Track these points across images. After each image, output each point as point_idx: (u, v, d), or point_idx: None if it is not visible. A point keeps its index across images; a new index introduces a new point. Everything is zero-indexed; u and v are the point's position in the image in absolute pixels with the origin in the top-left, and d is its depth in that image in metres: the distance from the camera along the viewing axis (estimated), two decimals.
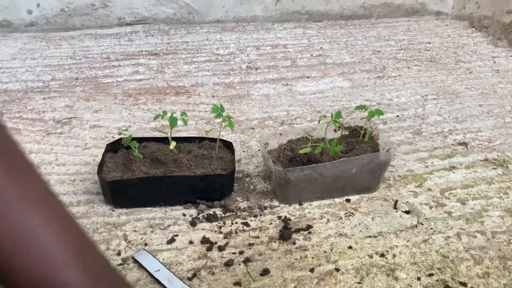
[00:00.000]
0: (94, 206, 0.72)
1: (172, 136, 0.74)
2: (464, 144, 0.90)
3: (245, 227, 0.68)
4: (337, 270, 0.60)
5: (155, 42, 1.42)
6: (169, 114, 0.74)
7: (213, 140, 0.78)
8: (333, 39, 1.45)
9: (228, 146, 0.78)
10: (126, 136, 0.75)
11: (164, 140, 0.77)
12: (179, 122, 0.90)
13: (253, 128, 0.95)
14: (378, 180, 0.75)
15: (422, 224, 0.69)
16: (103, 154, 0.75)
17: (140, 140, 0.77)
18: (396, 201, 0.73)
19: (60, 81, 1.16)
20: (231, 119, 0.72)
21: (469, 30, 1.55)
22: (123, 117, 0.99)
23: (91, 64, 1.26)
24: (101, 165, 0.72)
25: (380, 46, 1.40)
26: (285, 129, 0.90)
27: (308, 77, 1.19)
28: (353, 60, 1.30)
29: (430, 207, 0.73)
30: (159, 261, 0.61)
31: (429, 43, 1.43)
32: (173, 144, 0.72)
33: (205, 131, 0.74)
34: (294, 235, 0.66)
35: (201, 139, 0.79)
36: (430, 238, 0.66)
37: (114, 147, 0.77)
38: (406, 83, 1.16)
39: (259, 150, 0.86)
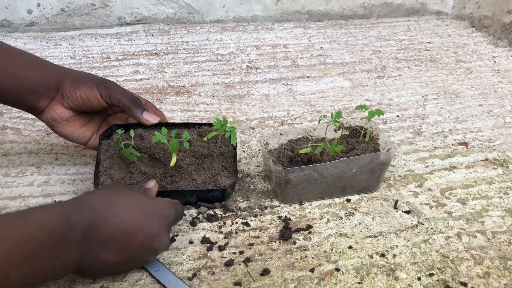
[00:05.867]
0: None
1: (170, 122, 0.70)
2: (465, 144, 0.90)
3: (245, 227, 0.68)
4: (337, 270, 0.60)
5: (155, 42, 1.42)
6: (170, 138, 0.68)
7: (211, 124, 0.73)
8: (333, 39, 1.45)
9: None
10: (120, 136, 0.70)
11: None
12: (179, 120, 0.90)
13: (253, 128, 0.95)
14: (378, 180, 0.75)
15: (423, 224, 0.69)
16: (97, 150, 0.72)
17: (135, 126, 0.73)
18: (397, 201, 0.73)
19: None
20: (235, 130, 0.68)
21: (469, 30, 1.54)
22: None
23: (91, 64, 1.26)
24: (97, 165, 0.70)
25: (380, 46, 1.40)
26: (285, 129, 0.89)
27: (308, 77, 1.19)
28: (353, 60, 1.30)
29: (431, 207, 0.73)
30: (159, 261, 0.61)
31: (429, 43, 1.43)
32: (173, 161, 0.68)
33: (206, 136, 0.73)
34: (294, 235, 0.66)
35: (200, 125, 0.76)
36: (431, 238, 0.66)
37: (107, 134, 0.73)
38: (406, 83, 1.16)
39: (259, 150, 0.86)
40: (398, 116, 1.00)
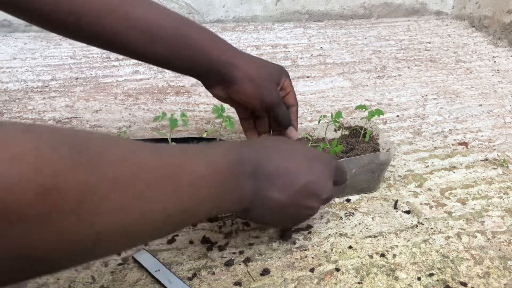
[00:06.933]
0: None
1: (172, 136, 0.74)
2: (464, 144, 0.90)
3: (245, 227, 0.68)
4: (337, 270, 0.60)
5: None
6: (169, 115, 0.74)
7: (211, 140, 0.78)
8: (333, 39, 1.45)
9: None
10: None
11: (163, 141, 0.76)
12: (179, 123, 0.90)
13: None
14: (378, 180, 0.75)
15: (422, 224, 0.69)
16: None
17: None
18: (396, 201, 0.73)
19: (60, 81, 1.17)
20: (232, 120, 0.72)
21: (469, 30, 1.55)
22: (123, 117, 0.99)
23: (91, 64, 1.26)
24: None
25: (380, 46, 1.40)
26: None
27: (308, 77, 1.19)
28: (353, 60, 1.30)
29: (430, 207, 0.73)
30: (159, 261, 0.61)
31: (429, 43, 1.43)
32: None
33: (205, 131, 0.74)
34: (294, 235, 0.66)
35: (199, 139, 0.79)
36: (430, 238, 0.66)
37: None
38: (406, 83, 1.16)
39: None
40: (398, 116, 1.00)
